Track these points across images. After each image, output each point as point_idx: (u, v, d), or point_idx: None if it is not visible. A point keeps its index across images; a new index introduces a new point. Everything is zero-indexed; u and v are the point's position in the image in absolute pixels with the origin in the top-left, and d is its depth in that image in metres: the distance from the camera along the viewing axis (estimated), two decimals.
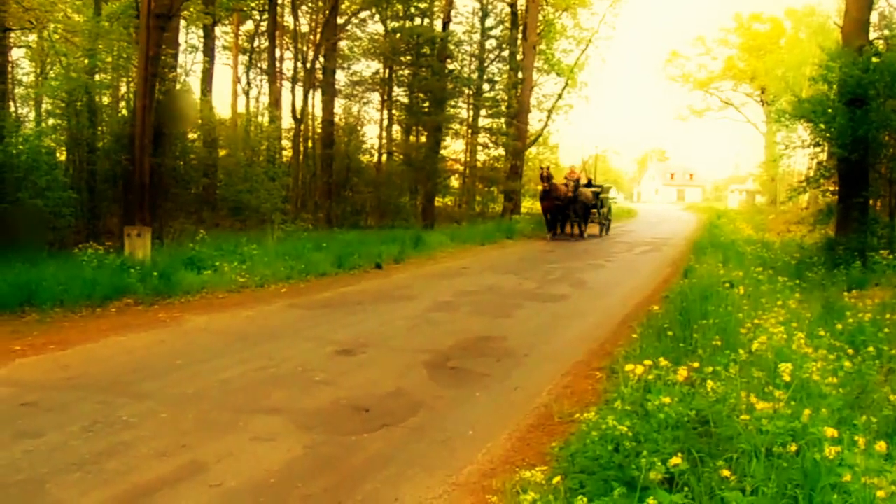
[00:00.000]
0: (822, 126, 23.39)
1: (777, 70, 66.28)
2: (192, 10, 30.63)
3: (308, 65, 38.83)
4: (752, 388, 7.41)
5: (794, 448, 5.82)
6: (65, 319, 13.84)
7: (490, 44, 44.48)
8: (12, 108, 25.19)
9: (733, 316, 11.46)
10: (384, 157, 43.61)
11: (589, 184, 40.87)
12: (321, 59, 38.91)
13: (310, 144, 40.80)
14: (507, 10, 45.33)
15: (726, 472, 5.65)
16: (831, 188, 25.60)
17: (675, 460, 5.70)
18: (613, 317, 15.96)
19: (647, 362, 7.47)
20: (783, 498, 5.56)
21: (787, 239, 30.05)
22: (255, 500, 6.56)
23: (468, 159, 46.73)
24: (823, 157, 26.72)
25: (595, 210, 39.66)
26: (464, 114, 44.98)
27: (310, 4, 41.81)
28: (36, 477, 6.83)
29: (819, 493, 5.53)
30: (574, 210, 37.40)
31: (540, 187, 37.95)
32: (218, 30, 40.92)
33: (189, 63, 37.83)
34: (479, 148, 46.06)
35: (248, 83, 44.84)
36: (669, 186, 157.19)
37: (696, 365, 8.22)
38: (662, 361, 7.71)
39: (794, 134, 30.64)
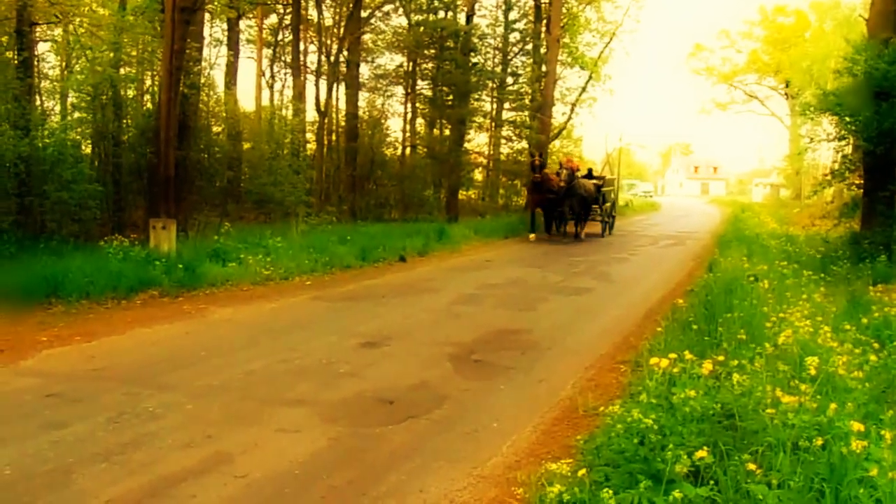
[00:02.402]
0: (848, 119, 23.25)
1: (802, 63, 65.80)
2: (216, 3, 30.65)
3: (332, 58, 38.83)
4: (778, 382, 7.40)
5: (820, 442, 5.81)
6: (90, 311, 13.92)
7: (514, 37, 44.29)
8: (38, 102, 25.27)
9: (758, 309, 11.44)
10: (408, 150, 43.54)
11: (590, 174, 37.74)
12: (345, 53, 38.89)
13: (334, 138, 40.77)
14: (531, 3, 45.12)
15: (752, 466, 5.63)
16: (856, 182, 25.44)
17: (701, 453, 5.68)
18: (637, 310, 15.94)
19: (672, 355, 7.45)
20: (809, 492, 5.53)
21: (811, 233, 29.97)
22: (280, 491, 6.58)
23: (492, 152, 46.61)
24: (849, 150, 26.53)
25: (597, 206, 35.39)
26: (487, 107, 44.89)
27: None
28: (63, 467, 6.87)
29: (846, 487, 5.51)
30: (570, 206, 32.31)
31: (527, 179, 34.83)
32: (242, 23, 40.95)
33: (213, 57, 37.85)
34: (503, 141, 45.90)
35: (272, 76, 44.89)
36: (693, 180, 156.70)
37: (721, 358, 8.17)
38: (687, 355, 7.68)
39: (818, 127, 30.50)
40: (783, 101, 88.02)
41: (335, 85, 39.27)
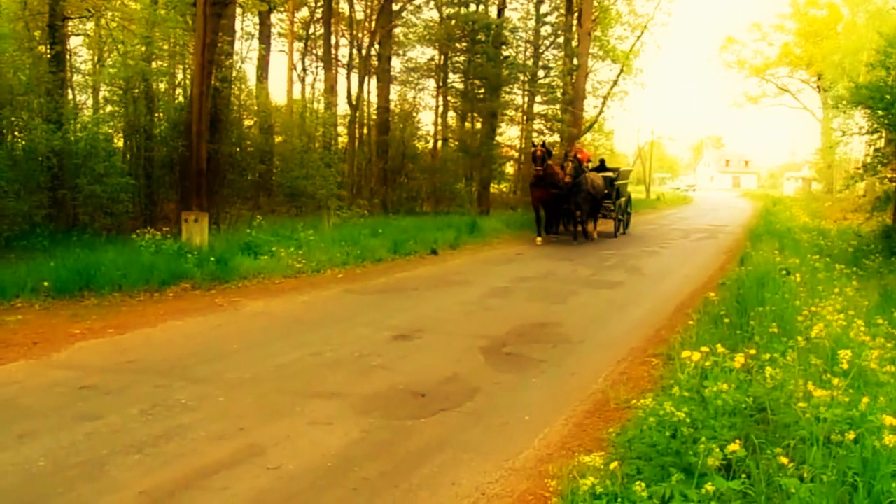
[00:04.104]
0: (881, 112, 23.11)
1: (834, 56, 65.30)
2: None
3: (363, 51, 38.96)
4: (810, 376, 7.37)
5: (852, 436, 5.76)
6: (123, 304, 13.99)
7: (545, 30, 44.03)
8: (70, 96, 25.43)
9: (790, 303, 11.39)
10: (439, 143, 43.58)
11: (602, 166, 34.12)
12: (376, 46, 39.00)
13: (365, 131, 40.90)
14: None
15: (784, 460, 5.62)
16: (889, 175, 25.33)
17: (733, 447, 5.66)
18: (669, 304, 15.88)
19: (704, 349, 7.44)
20: (842, 486, 5.50)
21: (843, 226, 29.78)
22: (313, 482, 6.61)
23: (523, 146, 46.42)
24: (881, 143, 26.42)
25: (610, 202, 31.72)
26: (519, 100, 44.66)
27: None
28: (96, 459, 6.92)
29: (879, 481, 5.46)
30: (576, 202, 28.03)
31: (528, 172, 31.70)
32: (273, 17, 40.98)
33: (245, 50, 37.87)
34: (535, 134, 45.68)
35: (304, 70, 44.90)
36: (725, 173, 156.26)
37: (753, 352, 8.20)
38: (719, 348, 7.68)
39: (851, 120, 30.36)
40: (815, 95, 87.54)
41: (367, 78, 39.40)
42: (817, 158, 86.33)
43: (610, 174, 32.73)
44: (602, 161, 35.79)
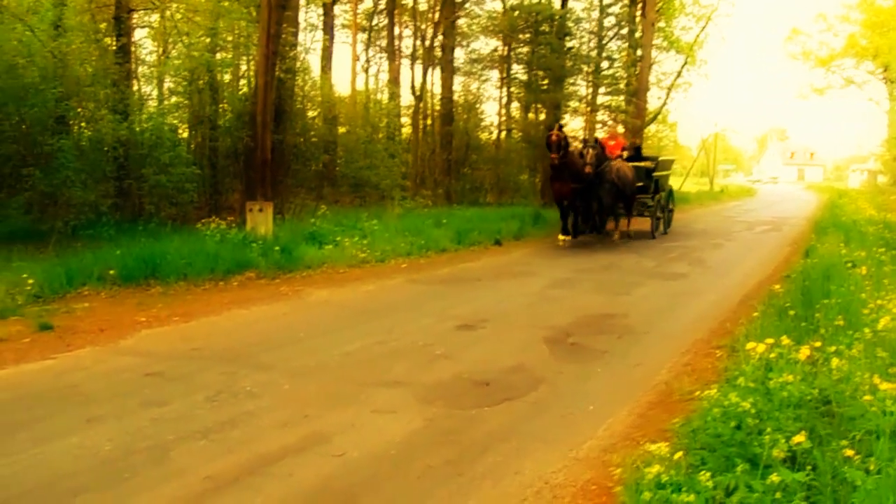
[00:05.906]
0: None
1: None
2: None
3: (427, 42, 38.92)
4: (876, 369, 7.29)
5: None
6: (188, 292, 14.15)
7: (609, 21, 43.65)
8: (136, 87, 25.65)
9: (856, 296, 11.24)
10: (503, 134, 43.48)
11: (637, 155, 29.30)
12: (440, 37, 38.98)
13: (429, 122, 40.89)
14: None
15: (850, 452, 5.59)
16: None
17: (798, 438, 5.65)
18: (733, 295, 15.70)
19: (769, 340, 7.41)
20: None
21: None
22: (377, 470, 6.61)
23: (587, 137, 46.30)
24: None
25: (647, 196, 27.67)
26: (582, 91, 44.33)
27: None
28: (161, 444, 6.98)
29: None
30: (600, 198, 24.43)
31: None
32: (337, 8, 41.17)
33: (309, 41, 38.04)
34: (598, 126, 45.53)
35: (367, 61, 45.05)
36: (790, 166, 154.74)
37: (818, 344, 8.10)
38: (784, 340, 7.59)
39: None
40: (882, 86, 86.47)
41: (430, 69, 39.37)
42: (883, 151, 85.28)
43: (647, 164, 28.37)
44: (637, 149, 30.94)
